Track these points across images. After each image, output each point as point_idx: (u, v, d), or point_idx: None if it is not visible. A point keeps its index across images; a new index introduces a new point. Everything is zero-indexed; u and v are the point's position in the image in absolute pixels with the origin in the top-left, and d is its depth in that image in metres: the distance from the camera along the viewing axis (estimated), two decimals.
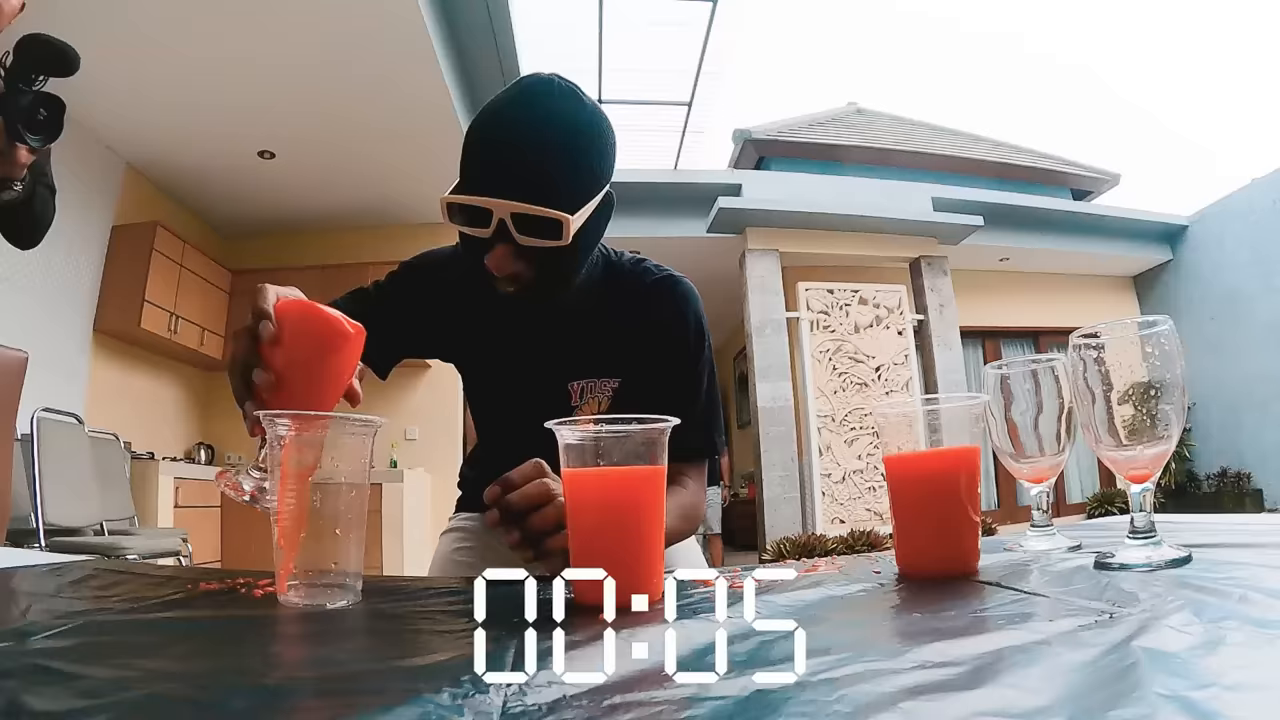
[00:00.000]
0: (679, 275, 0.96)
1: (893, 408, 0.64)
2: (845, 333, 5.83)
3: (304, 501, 0.51)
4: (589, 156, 0.77)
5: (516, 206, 0.72)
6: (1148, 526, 0.55)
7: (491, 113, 0.76)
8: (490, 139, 0.75)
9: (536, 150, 0.73)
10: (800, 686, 0.29)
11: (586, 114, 0.77)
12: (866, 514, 5.52)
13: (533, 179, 0.73)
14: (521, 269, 0.78)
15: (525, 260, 0.77)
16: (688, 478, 0.89)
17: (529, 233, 0.73)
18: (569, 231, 0.74)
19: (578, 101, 0.77)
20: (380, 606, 0.51)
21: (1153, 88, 40.48)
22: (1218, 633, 0.33)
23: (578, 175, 0.76)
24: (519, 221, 0.73)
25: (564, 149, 0.74)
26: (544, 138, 0.74)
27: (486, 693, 0.29)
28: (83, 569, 0.66)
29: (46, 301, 3.64)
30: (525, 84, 0.77)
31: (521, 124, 0.74)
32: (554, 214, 0.73)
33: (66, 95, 1.00)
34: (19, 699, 0.27)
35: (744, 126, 7.88)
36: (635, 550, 0.52)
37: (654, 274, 0.95)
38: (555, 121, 0.75)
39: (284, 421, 0.52)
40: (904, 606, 0.48)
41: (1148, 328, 0.54)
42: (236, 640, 0.42)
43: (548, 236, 0.74)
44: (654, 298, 0.93)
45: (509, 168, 0.73)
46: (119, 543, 2.95)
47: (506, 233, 0.73)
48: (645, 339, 0.91)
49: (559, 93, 0.76)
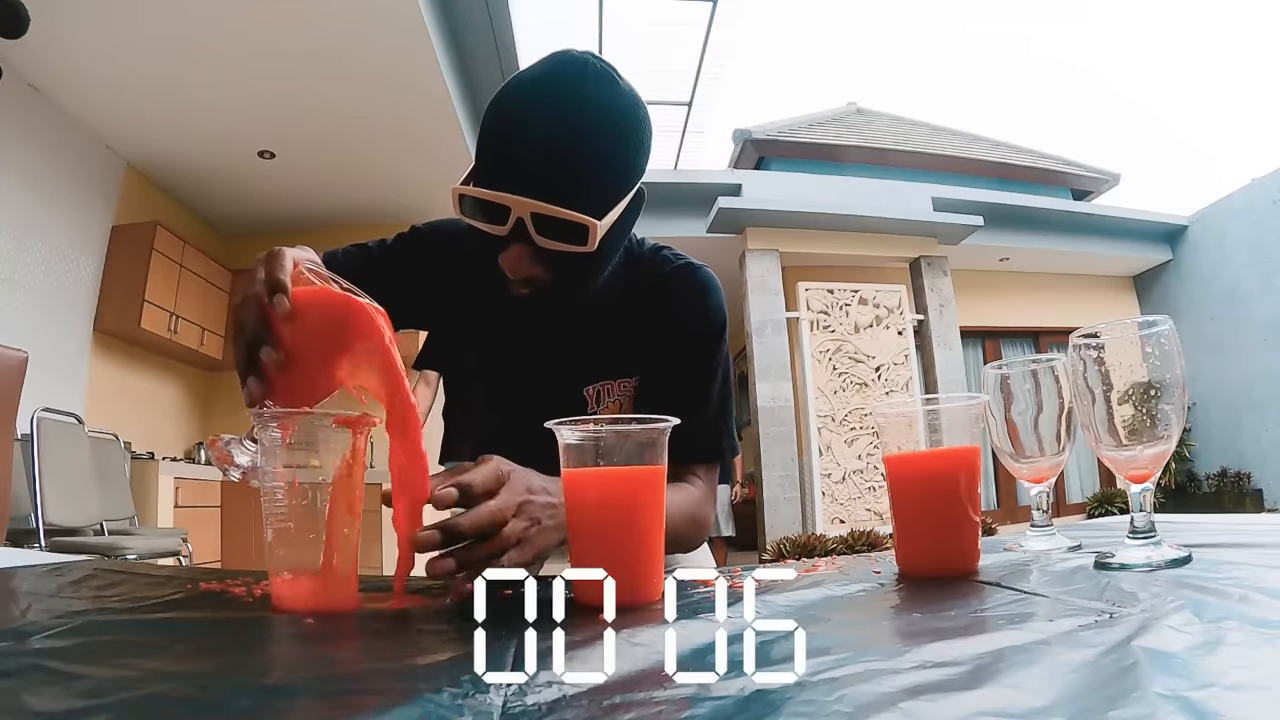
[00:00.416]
0: (699, 264, 0.88)
1: (893, 408, 0.64)
2: (845, 333, 5.83)
3: (301, 500, 0.51)
4: (622, 153, 0.68)
5: (538, 206, 0.64)
6: (1148, 526, 0.55)
7: (516, 94, 0.67)
8: (513, 127, 0.66)
9: (565, 144, 0.64)
10: (800, 686, 0.29)
11: (623, 102, 0.68)
12: (866, 514, 5.53)
13: (559, 177, 0.65)
14: (538, 272, 0.70)
15: (543, 263, 0.69)
16: (698, 478, 0.83)
17: (550, 235, 0.66)
18: (595, 237, 0.66)
19: (614, 87, 0.67)
20: (380, 606, 0.51)
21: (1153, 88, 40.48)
22: (1218, 633, 0.33)
23: (610, 174, 0.68)
24: (539, 222, 0.65)
25: (596, 144, 0.66)
26: (574, 130, 0.65)
27: (486, 693, 0.29)
28: (83, 569, 0.66)
29: (46, 301, 3.63)
30: (556, 62, 0.67)
31: (549, 112, 0.65)
32: (580, 218, 0.65)
33: (67, 95, 0.99)
34: (19, 699, 0.27)
35: (744, 126, 7.88)
36: (635, 550, 0.52)
37: (672, 262, 0.87)
38: (588, 111, 0.65)
39: (274, 423, 0.50)
40: (904, 606, 0.48)
41: (1148, 328, 0.54)
42: (236, 640, 0.42)
43: (571, 241, 0.66)
44: (672, 288, 0.85)
45: (533, 163, 0.65)
46: (119, 543, 2.95)
47: (525, 233, 0.66)
48: (662, 333, 0.84)
49: (593, 76, 0.66)
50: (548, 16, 4.61)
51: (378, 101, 3.91)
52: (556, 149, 0.64)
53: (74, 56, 3.27)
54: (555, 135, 0.64)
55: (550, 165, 0.65)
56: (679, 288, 0.85)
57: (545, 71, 0.67)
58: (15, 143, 3.38)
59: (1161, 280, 7.33)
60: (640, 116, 0.70)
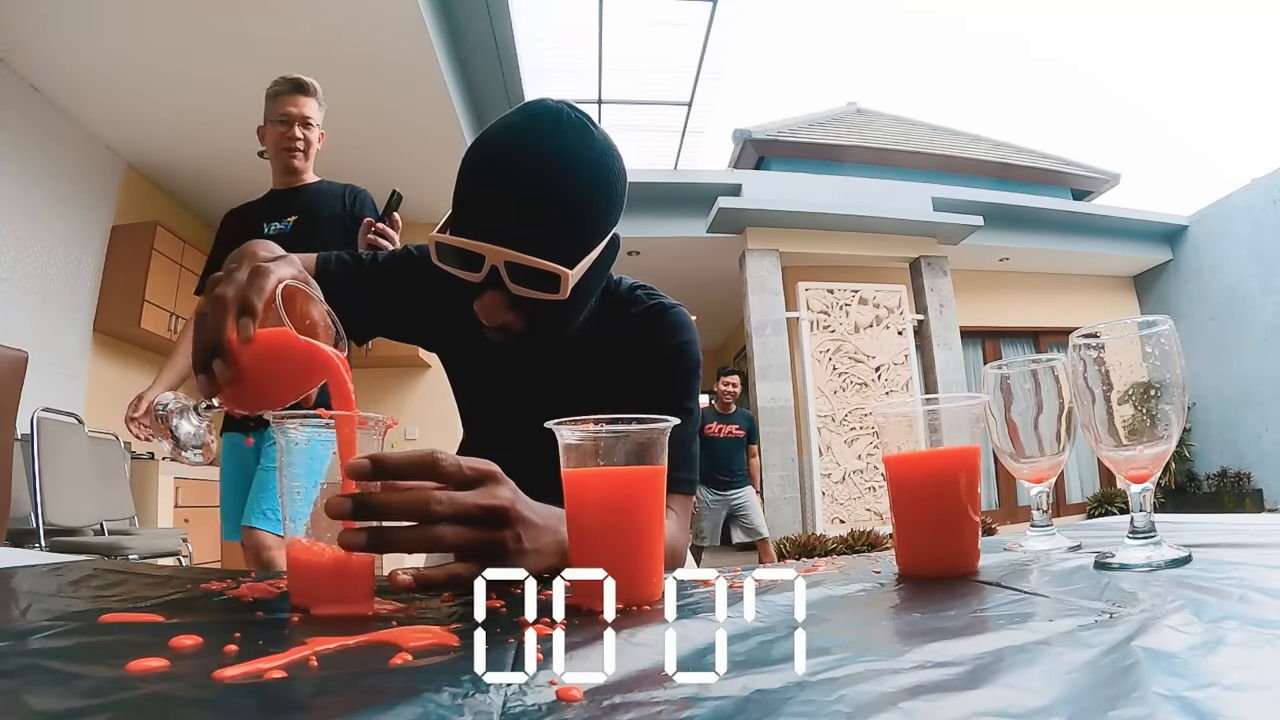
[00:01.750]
0: (672, 303, 0.90)
1: (893, 408, 0.64)
2: (845, 333, 5.83)
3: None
4: (595, 203, 0.70)
5: (512, 255, 0.66)
6: (1148, 526, 0.55)
7: (492, 143, 0.69)
8: (488, 176, 0.68)
9: (538, 195, 0.67)
10: (800, 686, 0.29)
11: (597, 152, 0.70)
12: (866, 514, 5.53)
13: (531, 227, 0.67)
14: (512, 319, 0.72)
15: (517, 310, 0.72)
16: (673, 511, 0.83)
17: (523, 283, 0.68)
18: (567, 286, 0.68)
19: (588, 137, 0.70)
20: (380, 606, 0.51)
21: (1153, 88, 40.50)
22: (1218, 633, 0.33)
23: (582, 224, 0.70)
24: (513, 271, 0.67)
25: (569, 194, 0.68)
26: (547, 181, 0.67)
27: (486, 692, 0.29)
28: (83, 569, 0.66)
29: (46, 301, 3.64)
30: (531, 112, 0.70)
31: (523, 163, 0.67)
32: (552, 267, 0.67)
33: (67, 95, 1.00)
34: (19, 699, 0.27)
35: (744, 126, 7.88)
36: (635, 550, 0.52)
37: (645, 302, 0.89)
38: (562, 162, 0.68)
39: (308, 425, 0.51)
40: (904, 606, 0.48)
41: (1148, 328, 0.54)
42: (234, 640, 0.42)
43: (544, 289, 0.68)
44: (646, 326, 0.87)
45: (506, 212, 0.67)
46: (119, 543, 2.95)
47: (499, 280, 0.68)
48: (638, 369, 0.86)
49: (568, 126, 0.69)
50: (548, 16, 4.60)
51: (378, 102, 3.91)
52: (530, 199, 0.67)
53: (74, 57, 3.27)
54: (529, 185, 0.67)
55: (524, 215, 0.67)
56: (653, 326, 0.87)
57: (520, 122, 0.69)
58: (15, 143, 3.38)
59: (1161, 280, 7.34)
60: (613, 168, 0.72)
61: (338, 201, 1.99)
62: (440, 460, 0.50)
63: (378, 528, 0.48)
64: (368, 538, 0.47)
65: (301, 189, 2.03)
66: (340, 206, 1.98)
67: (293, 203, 1.99)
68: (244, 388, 0.55)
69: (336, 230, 1.92)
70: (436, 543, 0.50)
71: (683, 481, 0.85)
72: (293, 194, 2.02)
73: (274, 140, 1.99)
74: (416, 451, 0.50)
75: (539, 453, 0.57)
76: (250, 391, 0.56)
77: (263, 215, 1.98)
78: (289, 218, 1.96)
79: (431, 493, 0.49)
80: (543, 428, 0.52)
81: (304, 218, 1.96)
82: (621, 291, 0.91)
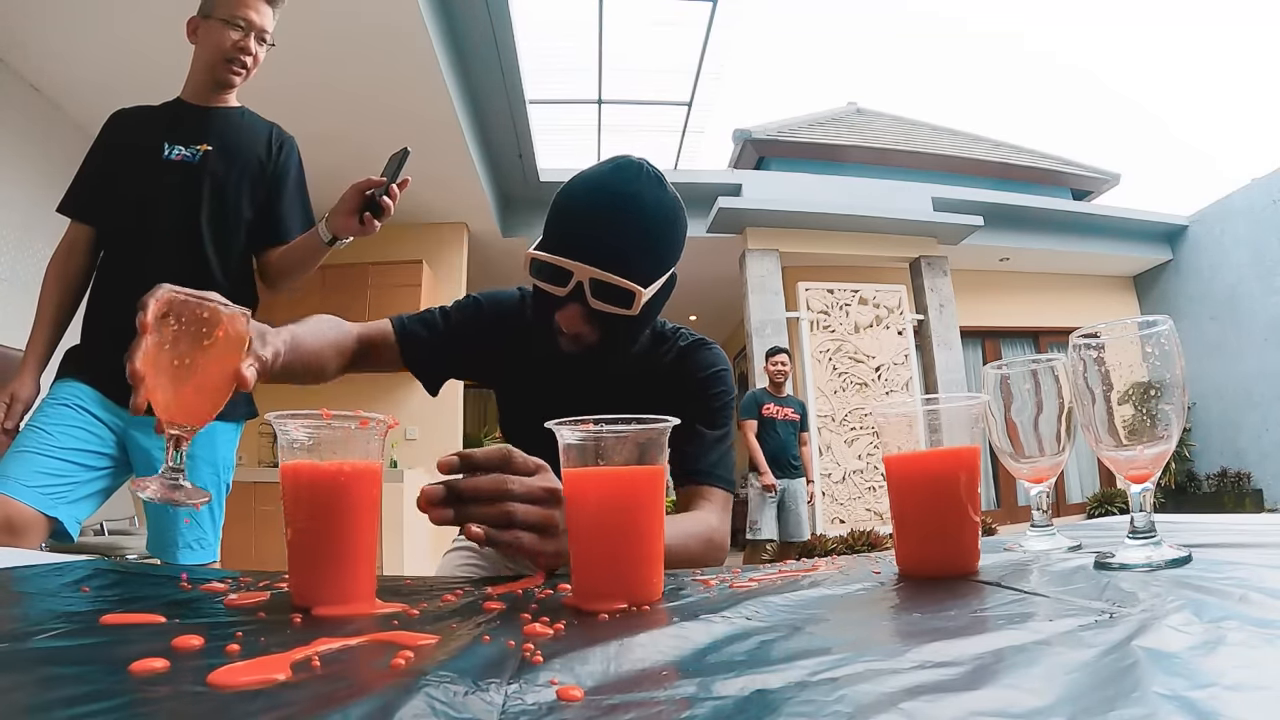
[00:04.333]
0: (710, 341, 1.04)
1: (893, 408, 0.64)
2: (845, 333, 5.83)
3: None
4: (666, 239, 0.84)
5: (596, 273, 0.79)
6: (1148, 526, 0.56)
7: (584, 186, 0.83)
8: (578, 209, 0.83)
9: (621, 226, 0.80)
10: (800, 686, 0.29)
11: (668, 200, 0.84)
12: (866, 514, 5.53)
13: (614, 251, 0.80)
14: (587, 331, 0.84)
15: (592, 324, 0.84)
16: (714, 504, 0.92)
17: (602, 298, 0.81)
18: (639, 303, 0.81)
19: (662, 189, 0.84)
20: (381, 607, 0.51)
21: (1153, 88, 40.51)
22: (1218, 633, 0.33)
23: (654, 254, 0.83)
24: (595, 286, 0.80)
25: (645, 229, 0.82)
26: (630, 216, 0.81)
27: (487, 692, 0.29)
28: (83, 569, 0.66)
29: None
30: (618, 164, 0.84)
31: (611, 200, 0.81)
32: (628, 285, 0.80)
33: (67, 96, 1.00)
34: (19, 699, 0.27)
35: (744, 126, 7.88)
36: (635, 550, 0.52)
37: (689, 338, 1.03)
38: (641, 203, 0.81)
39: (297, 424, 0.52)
40: (904, 606, 0.48)
41: (1148, 328, 0.54)
42: (236, 640, 0.42)
43: (619, 304, 0.81)
44: (690, 360, 1.00)
45: (595, 237, 0.80)
46: (119, 543, 2.95)
47: (581, 294, 0.81)
48: (675, 396, 0.96)
49: (647, 178, 0.83)
50: (548, 16, 4.60)
51: (378, 102, 3.91)
52: (612, 230, 0.81)
53: (74, 58, 3.27)
54: (612, 219, 0.81)
55: (606, 242, 0.80)
56: (696, 360, 1.00)
57: (609, 170, 0.84)
58: (15, 143, 3.38)
59: (1161, 280, 7.33)
60: (679, 216, 0.86)
61: (261, 144, 1.61)
62: (514, 453, 0.62)
63: (464, 509, 0.58)
64: (455, 514, 0.58)
65: (215, 111, 1.60)
66: (265, 151, 1.61)
67: (206, 127, 1.57)
68: (160, 387, 0.56)
69: (254, 176, 1.58)
70: (511, 517, 0.59)
71: (721, 478, 0.94)
72: (205, 114, 1.59)
73: (215, 44, 1.55)
74: (494, 447, 0.62)
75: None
76: (166, 385, 0.56)
77: (165, 133, 1.56)
78: (199, 145, 1.55)
79: (509, 476, 0.60)
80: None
81: (218, 151, 1.55)
82: (666, 330, 1.05)
